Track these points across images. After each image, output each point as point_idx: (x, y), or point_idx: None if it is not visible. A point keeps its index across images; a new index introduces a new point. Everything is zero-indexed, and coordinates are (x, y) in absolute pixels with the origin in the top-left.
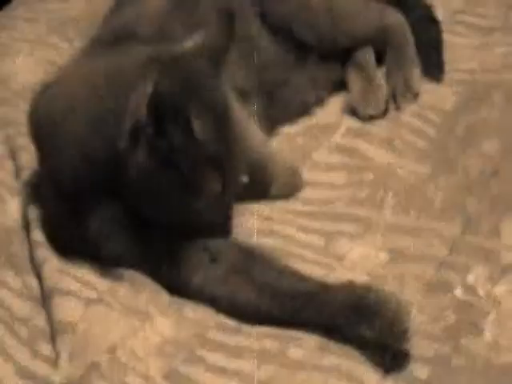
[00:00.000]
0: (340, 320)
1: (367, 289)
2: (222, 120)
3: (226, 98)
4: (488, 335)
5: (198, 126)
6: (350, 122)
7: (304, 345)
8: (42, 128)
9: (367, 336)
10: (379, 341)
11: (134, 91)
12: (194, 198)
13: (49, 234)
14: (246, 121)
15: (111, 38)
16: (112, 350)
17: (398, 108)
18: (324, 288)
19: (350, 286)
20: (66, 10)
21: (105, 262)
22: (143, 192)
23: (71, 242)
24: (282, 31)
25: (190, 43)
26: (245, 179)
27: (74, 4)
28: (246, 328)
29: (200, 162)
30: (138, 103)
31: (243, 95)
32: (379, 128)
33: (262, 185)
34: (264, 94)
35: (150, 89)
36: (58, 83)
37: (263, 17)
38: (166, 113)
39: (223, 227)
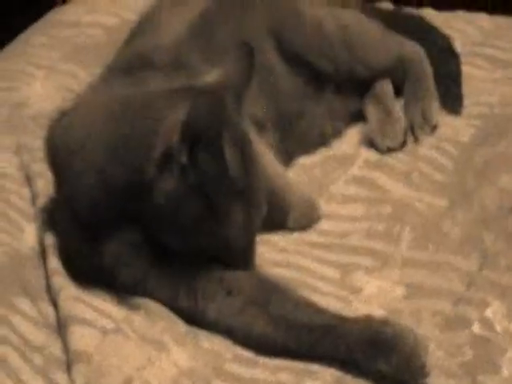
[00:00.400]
0: (357, 354)
1: (384, 323)
2: (246, 153)
3: (247, 132)
4: (506, 372)
5: (229, 157)
6: (368, 154)
7: (320, 378)
8: (59, 155)
9: (384, 371)
10: (396, 376)
11: (165, 119)
12: (221, 227)
13: (65, 262)
14: (264, 151)
15: (128, 65)
16: (127, 381)
17: (415, 140)
18: (341, 321)
19: (366, 320)
20: (81, 37)
21: (121, 291)
22: (169, 218)
23: (87, 269)
24: (298, 62)
25: (211, 77)
26: (263, 210)
27: (90, 30)
28: (263, 360)
29: (229, 192)
30: (170, 130)
31: (260, 126)
32: (397, 160)
33: (279, 216)
34: (281, 125)
35: (182, 117)
36: (75, 110)
37: (280, 48)
38: (199, 141)
39: (246, 258)
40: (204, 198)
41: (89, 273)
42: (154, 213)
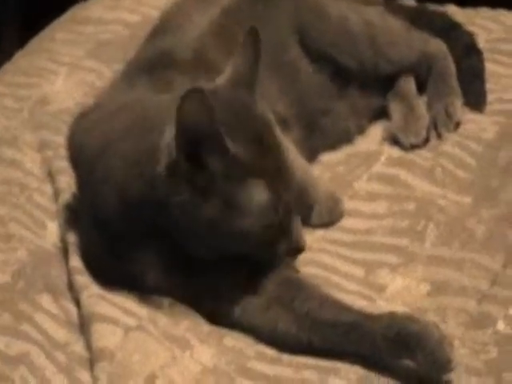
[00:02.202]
0: (381, 350)
1: (409, 319)
2: (264, 133)
3: (266, 116)
4: None
5: (235, 144)
6: (391, 151)
7: (344, 376)
8: (81, 158)
9: (409, 367)
10: (421, 371)
11: (164, 132)
12: (242, 214)
13: (88, 261)
14: (289, 146)
15: (150, 63)
16: (151, 379)
17: (439, 137)
18: (365, 318)
19: (391, 317)
20: (103, 33)
21: (145, 290)
22: (190, 227)
23: (111, 269)
24: (323, 58)
25: (224, 77)
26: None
27: (111, 27)
28: (287, 358)
29: (246, 175)
30: (169, 144)
31: (284, 123)
32: (420, 157)
33: (303, 211)
34: (305, 122)
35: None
36: (96, 111)
37: (304, 44)
38: (197, 144)
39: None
40: (220, 193)
41: (113, 273)
42: (173, 224)
